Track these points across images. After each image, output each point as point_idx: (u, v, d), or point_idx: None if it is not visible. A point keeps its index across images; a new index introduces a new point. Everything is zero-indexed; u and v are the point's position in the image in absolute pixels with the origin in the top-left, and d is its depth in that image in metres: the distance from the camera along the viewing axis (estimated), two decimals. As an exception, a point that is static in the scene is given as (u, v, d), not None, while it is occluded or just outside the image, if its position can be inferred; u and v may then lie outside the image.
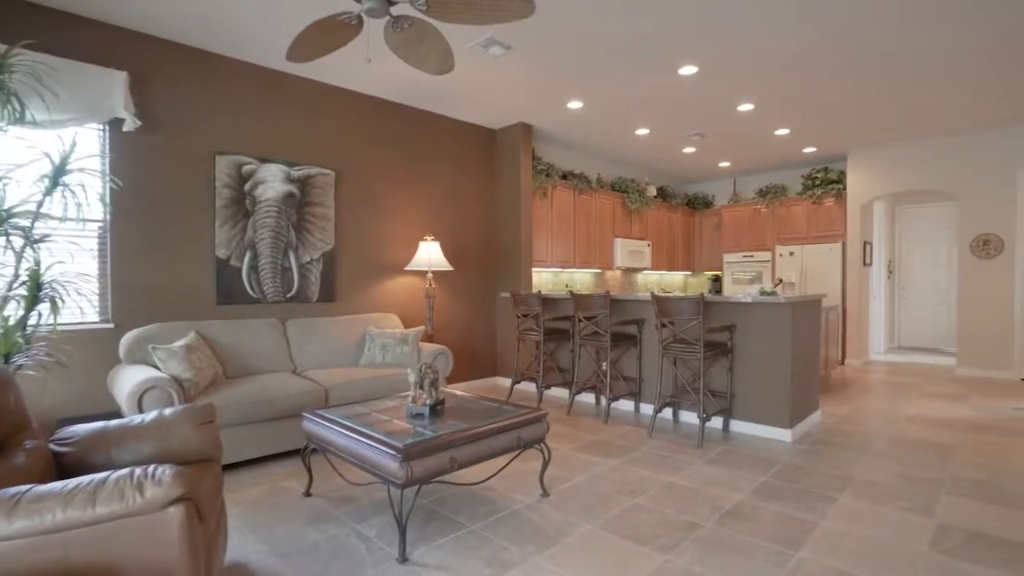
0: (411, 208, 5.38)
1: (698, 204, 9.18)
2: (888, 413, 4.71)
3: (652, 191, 7.97)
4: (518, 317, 5.28)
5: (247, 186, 4.29)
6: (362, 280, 5.00)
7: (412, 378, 2.80)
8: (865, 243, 7.40)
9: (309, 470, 2.94)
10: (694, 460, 3.51)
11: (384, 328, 4.68)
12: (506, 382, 6.05)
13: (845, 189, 7.32)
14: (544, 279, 6.82)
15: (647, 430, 4.19)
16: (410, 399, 2.81)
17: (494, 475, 2.97)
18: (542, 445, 2.89)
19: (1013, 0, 3.45)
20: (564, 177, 6.74)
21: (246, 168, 4.28)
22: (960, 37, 3.92)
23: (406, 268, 5.12)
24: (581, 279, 7.35)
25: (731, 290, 8.49)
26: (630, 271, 8.22)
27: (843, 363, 7.29)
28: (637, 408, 4.81)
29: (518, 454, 2.77)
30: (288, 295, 4.53)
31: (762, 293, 4.16)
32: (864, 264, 7.37)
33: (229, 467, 3.36)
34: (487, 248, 6.12)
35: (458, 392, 3.37)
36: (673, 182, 9.26)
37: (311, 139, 4.68)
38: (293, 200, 4.55)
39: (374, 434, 2.42)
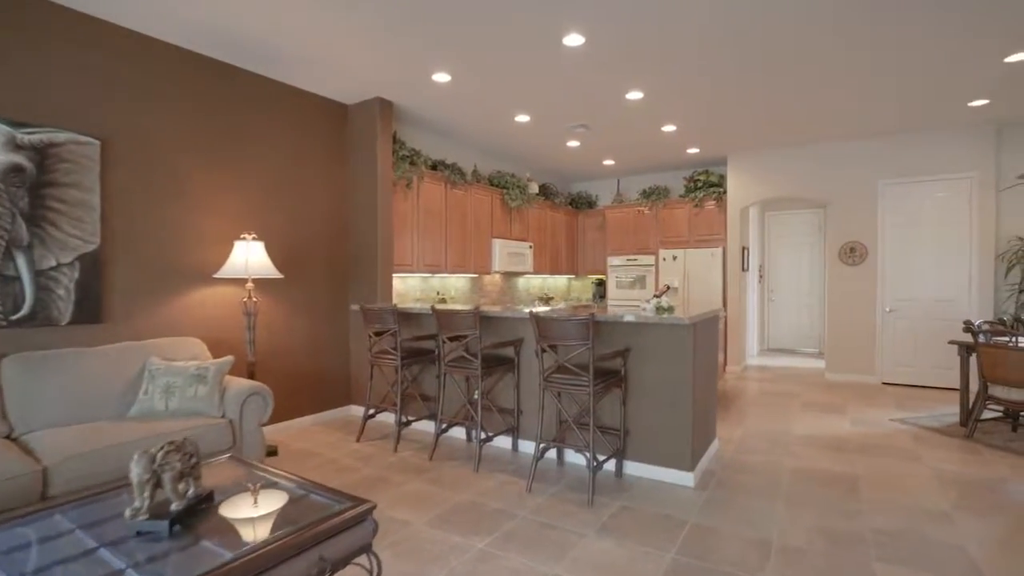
0: (228, 197, 4.09)
1: (581, 204, 8.69)
2: (780, 434, 4.35)
3: (534, 188, 7.27)
4: (370, 336, 4.23)
5: (-71, 152, 2.79)
6: (149, 293, 3.64)
7: (135, 475, 1.67)
8: (743, 248, 7.31)
9: (-52, 641, 1.68)
10: (585, 529, 2.72)
11: (174, 360, 3.38)
12: (362, 412, 4.95)
13: (725, 193, 7.16)
14: (411, 286, 5.80)
15: (527, 481, 3.36)
16: (129, 512, 1.67)
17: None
18: (369, 554, 1.90)
19: (879, 17, 3.36)
20: (434, 167, 5.77)
21: (-73, 124, 2.78)
22: (833, 48, 3.79)
23: (215, 276, 3.84)
24: (456, 285, 6.44)
25: (615, 294, 8.08)
26: (510, 275, 7.47)
27: (724, 370, 7.12)
28: (515, 446, 3.98)
29: (324, 582, 1.76)
30: (14, 317, 3.07)
31: (659, 309, 3.53)
32: (743, 269, 7.27)
33: None
34: (336, 250, 4.96)
35: (251, 466, 2.27)
36: (556, 179, 8.69)
37: (60, 92, 3.24)
38: (22, 176, 3.10)
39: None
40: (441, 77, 4.37)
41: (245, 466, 2.32)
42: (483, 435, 3.73)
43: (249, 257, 3.80)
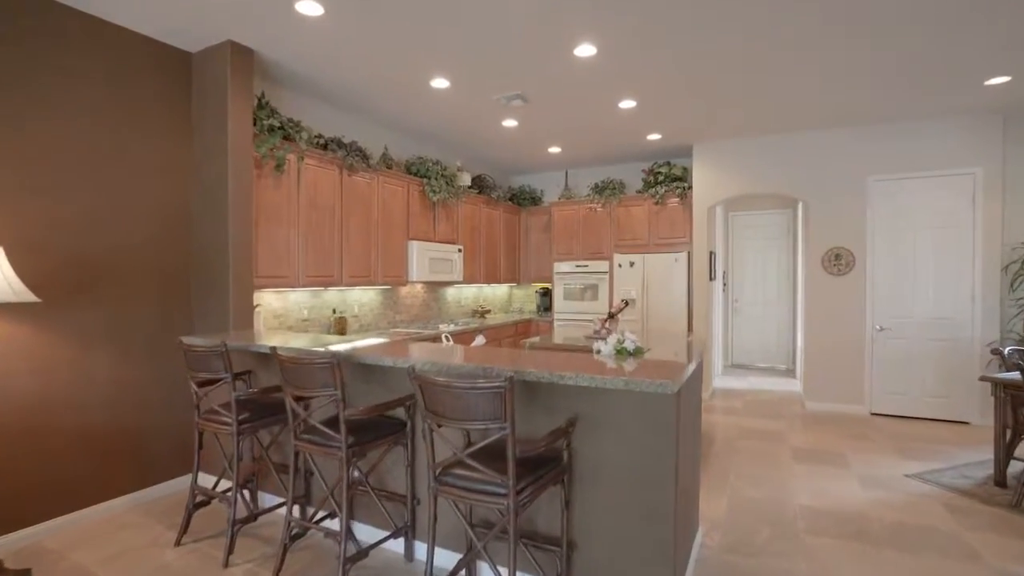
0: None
1: (524, 200, 7.45)
2: (778, 507, 3.24)
3: (466, 179, 5.98)
4: (195, 388, 2.82)
5: None
6: None
7: None
8: (711, 253, 6.27)
9: None
10: None
11: None
12: (210, 483, 3.48)
13: (690, 188, 6.09)
14: (295, 303, 4.38)
15: (412, 637, 2.07)
16: None
17: None
18: None
19: None
20: (324, 147, 4.38)
21: None
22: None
23: (-96, 301, 2.34)
24: (361, 300, 5.05)
25: (562, 307, 6.87)
26: (435, 286, 6.14)
27: (688, 397, 6.05)
28: (410, 552, 2.67)
29: None
30: None
31: (620, 352, 2.32)
32: (710, 279, 6.22)
33: None
34: (171, 256, 3.51)
35: None
36: (494, 171, 7.41)
37: None
38: None
39: None
40: (308, 7, 3.01)
41: None
42: (354, 549, 2.40)
43: (-35, 270, 2.33)
